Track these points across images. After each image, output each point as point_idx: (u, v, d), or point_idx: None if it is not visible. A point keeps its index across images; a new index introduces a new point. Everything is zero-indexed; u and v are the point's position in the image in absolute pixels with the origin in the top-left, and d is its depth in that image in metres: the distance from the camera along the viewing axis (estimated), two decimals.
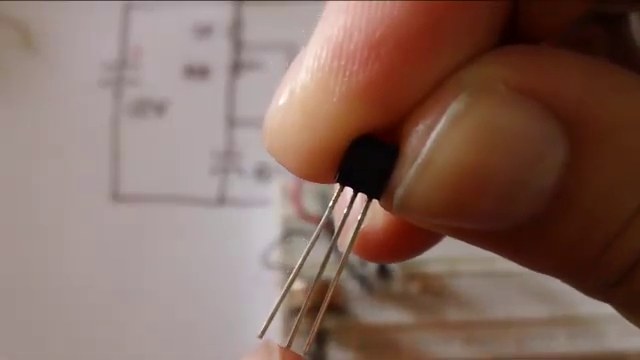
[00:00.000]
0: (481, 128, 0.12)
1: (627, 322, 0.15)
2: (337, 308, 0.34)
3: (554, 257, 0.13)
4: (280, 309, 0.37)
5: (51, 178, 0.40)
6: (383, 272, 0.35)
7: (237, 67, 0.42)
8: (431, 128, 0.12)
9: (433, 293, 0.35)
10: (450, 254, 0.35)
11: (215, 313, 0.37)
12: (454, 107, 0.12)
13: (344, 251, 0.15)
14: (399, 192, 0.13)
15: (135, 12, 0.43)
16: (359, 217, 0.14)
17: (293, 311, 0.34)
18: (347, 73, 0.12)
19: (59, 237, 0.38)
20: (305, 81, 0.13)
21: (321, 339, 0.34)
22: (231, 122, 0.41)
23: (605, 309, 0.15)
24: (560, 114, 0.12)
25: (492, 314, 0.35)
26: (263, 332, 0.15)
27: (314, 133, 0.13)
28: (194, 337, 0.37)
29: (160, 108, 0.41)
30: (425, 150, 0.12)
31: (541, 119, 0.12)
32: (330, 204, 0.14)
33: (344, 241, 0.15)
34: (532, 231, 0.13)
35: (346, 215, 0.14)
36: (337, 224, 0.15)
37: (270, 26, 0.42)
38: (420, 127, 0.12)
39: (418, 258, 0.38)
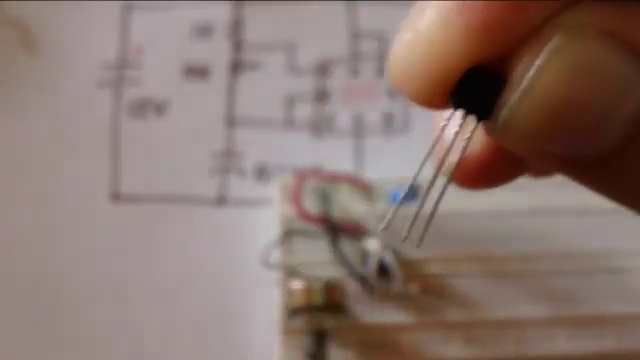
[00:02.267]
0: (574, 62, 0.14)
1: (627, 322, 0.15)
2: (337, 308, 0.34)
3: (634, 187, 0.16)
4: (280, 311, 0.37)
5: (50, 178, 0.40)
6: (383, 272, 0.35)
7: (237, 67, 0.42)
8: (533, 60, 0.15)
9: (433, 293, 0.35)
10: (450, 254, 0.35)
11: (215, 313, 0.37)
12: (552, 43, 0.14)
13: (447, 175, 0.17)
14: (503, 113, 0.15)
15: (135, 12, 0.43)
16: (467, 136, 0.16)
17: (293, 311, 0.34)
18: (470, 11, 0.15)
19: (58, 237, 0.38)
20: (430, 18, 0.15)
21: (321, 339, 0.34)
22: (231, 122, 0.41)
23: (605, 309, 0.15)
24: None
25: (492, 314, 0.35)
26: (386, 225, 0.17)
27: (435, 62, 0.15)
28: (194, 336, 0.37)
29: (160, 108, 0.41)
30: (527, 77, 0.15)
31: (627, 60, 0.14)
32: (442, 124, 0.16)
33: (445, 165, 0.17)
34: (616, 160, 0.15)
35: (457, 133, 0.16)
36: (441, 149, 0.16)
37: (270, 26, 0.42)
38: (525, 59, 0.15)
39: (418, 258, 0.38)
